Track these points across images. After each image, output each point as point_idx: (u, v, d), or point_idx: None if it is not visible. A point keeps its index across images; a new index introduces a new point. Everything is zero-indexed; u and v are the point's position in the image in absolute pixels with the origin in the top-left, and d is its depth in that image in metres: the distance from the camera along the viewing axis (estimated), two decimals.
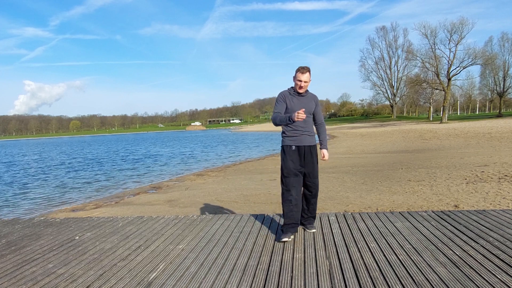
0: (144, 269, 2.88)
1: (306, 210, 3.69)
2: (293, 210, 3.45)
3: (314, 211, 3.72)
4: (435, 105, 67.03)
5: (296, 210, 3.47)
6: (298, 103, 3.51)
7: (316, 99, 3.65)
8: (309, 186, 3.61)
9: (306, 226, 3.70)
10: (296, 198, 3.46)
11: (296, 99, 3.53)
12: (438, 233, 3.38)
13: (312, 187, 3.60)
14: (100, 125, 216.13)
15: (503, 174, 8.22)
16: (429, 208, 5.74)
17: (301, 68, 3.45)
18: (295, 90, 3.54)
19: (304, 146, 3.52)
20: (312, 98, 3.61)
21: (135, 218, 4.67)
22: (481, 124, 31.71)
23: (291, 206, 3.45)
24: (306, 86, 3.50)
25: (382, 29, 75.05)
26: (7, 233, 4.26)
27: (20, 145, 74.99)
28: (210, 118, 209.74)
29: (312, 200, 3.66)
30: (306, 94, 3.58)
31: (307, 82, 3.48)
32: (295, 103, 3.51)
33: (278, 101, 3.59)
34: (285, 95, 3.57)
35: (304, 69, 3.44)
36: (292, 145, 3.53)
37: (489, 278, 2.39)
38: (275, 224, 4.01)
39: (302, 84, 3.45)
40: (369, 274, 2.56)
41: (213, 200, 7.88)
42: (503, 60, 56.36)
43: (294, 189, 3.47)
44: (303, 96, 3.55)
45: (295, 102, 3.51)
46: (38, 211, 8.93)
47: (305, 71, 3.44)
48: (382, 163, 12.37)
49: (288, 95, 3.56)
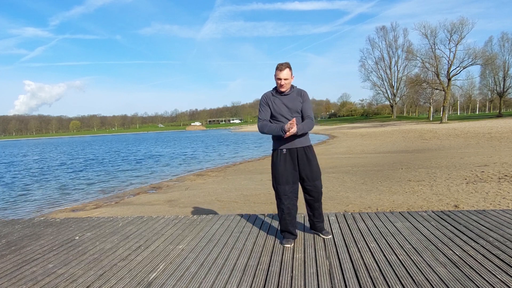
0: (144, 269, 2.88)
1: (312, 216, 3.44)
2: (285, 219, 3.31)
3: (321, 215, 3.45)
4: (435, 105, 67.00)
5: (289, 219, 3.30)
6: (281, 103, 3.28)
7: (303, 94, 3.32)
8: (310, 190, 3.34)
9: (320, 232, 3.44)
10: (288, 207, 3.29)
11: (278, 100, 3.29)
12: (438, 233, 3.38)
13: (313, 191, 3.34)
14: (100, 125, 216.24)
15: (503, 174, 8.22)
16: (429, 208, 5.73)
17: (279, 65, 3.21)
18: (277, 90, 3.32)
19: (297, 148, 3.28)
20: (298, 95, 3.31)
21: (135, 218, 4.67)
22: (481, 124, 31.71)
23: (284, 215, 3.31)
24: (288, 83, 3.25)
25: (382, 29, 75.18)
26: (7, 233, 4.26)
27: (20, 145, 74.97)
28: (210, 118, 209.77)
29: (316, 204, 3.38)
30: (290, 92, 3.31)
31: (288, 79, 3.22)
32: (278, 104, 3.27)
33: (261, 105, 3.36)
34: (267, 98, 3.34)
35: (283, 66, 3.19)
36: (283, 148, 3.29)
37: (489, 278, 2.39)
38: (275, 224, 4.00)
39: (282, 82, 3.21)
40: (369, 274, 2.56)
41: (213, 200, 7.88)
42: (503, 60, 56.46)
43: (285, 198, 3.29)
44: (287, 95, 3.29)
45: (278, 103, 3.28)
46: (38, 211, 8.93)
47: (284, 68, 3.18)
48: (382, 163, 12.37)
49: (270, 97, 3.33)
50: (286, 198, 3.30)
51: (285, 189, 3.29)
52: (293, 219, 3.33)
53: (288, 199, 3.30)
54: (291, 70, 3.26)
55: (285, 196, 3.29)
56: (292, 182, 3.30)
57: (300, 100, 3.30)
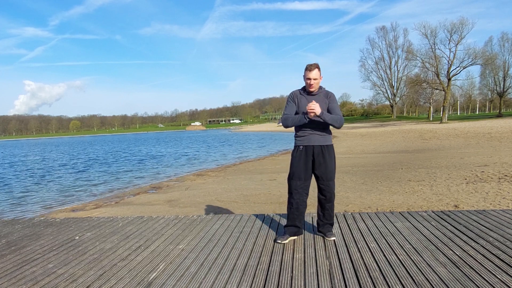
0: (144, 269, 2.88)
1: (322, 217, 3.46)
2: (293, 213, 3.40)
3: (331, 218, 3.45)
4: (435, 105, 67.01)
5: (297, 213, 3.39)
6: (307, 102, 3.33)
7: (330, 96, 3.41)
8: (323, 190, 3.40)
9: (325, 234, 3.43)
10: (297, 202, 3.37)
11: (304, 99, 3.38)
12: (438, 233, 3.38)
13: (326, 191, 3.38)
14: (100, 125, 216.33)
15: (503, 174, 8.22)
16: (429, 208, 5.73)
17: (308, 65, 3.31)
18: (306, 90, 3.41)
19: (314, 146, 3.34)
20: (325, 96, 3.40)
21: (135, 218, 4.67)
22: (481, 124, 31.71)
23: (292, 209, 3.40)
24: (317, 83, 3.34)
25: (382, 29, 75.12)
26: (7, 233, 4.26)
27: (21, 145, 74.93)
28: (210, 118, 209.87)
29: (327, 205, 3.41)
30: (318, 92, 3.40)
31: (317, 79, 3.31)
32: (304, 103, 3.36)
33: (288, 102, 3.47)
34: (294, 95, 3.45)
35: (312, 66, 3.29)
36: (300, 145, 3.39)
37: (489, 278, 2.39)
38: (275, 224, 4.00)
39: (311, 82, 3.30)
40: (369, 274, 2.56)
41: (213, 200, 7.88)
42: (503, 60, 56.42)
43: (296, 192, 3.38)
44: (314, 95, 3.38)
45: (304, 102, 3.36)
46: (38, 211, 8.93)
47: (313, 68, 3.29)
48: (382, 163, 12.37)
49: (298, 95, 3.43)
50: (296, 193, 3.38)
51: (296, 184, 3.38)
52: (300, 215, 3.41)
53: (297, 194, 3.38)
54: (320, 70, 3.35)
55: (295, 191, 3.39)
56: (304, 178, 3.38)
57: (327, 101, 3.38)
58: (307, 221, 3.98)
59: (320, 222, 3.48)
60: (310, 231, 3.63)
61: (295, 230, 3.42)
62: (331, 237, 3.38)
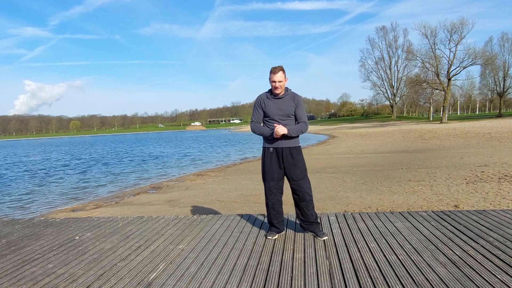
0: (144, 269, 2.88)
1: (300, 215, 3.53)
2: (270, 213, 3.56)
3: (310, 216, 3.47)
4: (435, 105, 67.03)
5: (273, 213, 3.54)
6: (274, 106, 3.42)
7: (297, 99, 3.46)
8: (295, 190, 3.48)
9: (316, 234, 3.45)
10: (272, 202, 3.53)
11: (271, 102, 3.43)
12: (438, 233, 3.38)
13: (298, 190, 3.44)
14: (100, 125, 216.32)
15: (503, 174, 8.22)
16: (429, 208, 5.73)
17: (273, 68, 3.36)
18: (272, 92, 3.45)
19: (283, 148, 3.42)
20: (292, 99, 3.44)
21: (135, 218, 4.67)
22: (481, 124, 31.72)
23: (268, 209, 3.57)
24: (282, 86, 3.38)
25: (382, 29, 75.18)
26: (7, 233, 4.26)
27: (21, 145, 74.88)
28: (210, 118, 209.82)
29: (301, 204, 3.46)
30: (285, 95, 3.44)
31: (282, 81, 3.35)
32: (270, 106, 3.42)
33: (255, 107, 3.53)
34: (261, 100, 3.50)
35: (276, 69, 3.33)
36: (270, 147, 3.47)
37: (489, 278, 2.39)
38: None
39: (276, 85, 3.34)
40: (369, 274, 2.56)
41: (213, 200, 7.88)
42: (503, 60, 56.47)
43: (270, 193, 3.52)
44: (281, 98, 3.42)
45: (271, 106, 3.42)
46: (38, 211, 8.93)
47: (277, 71, 3.32)
48: (382, 163, 12.37)
49: (265, 99, 3.48)
50: (271, 193, 3.53)
51: (270, 185, 3.52)
52: (277, 213, 3.56)
53: (272, 194, 3.53)
54: (285, 72, 3.42)
55: (269, 192, 3.54)
56: (277, 179, 3.51)
57: (293, 104, 3.45)
58: None
59: (300, 220, 3.58)
60: (301, 229, 3.64)
61: (276, 229, 3.58)
62: (323, 237, 3.40)
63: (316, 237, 3.44)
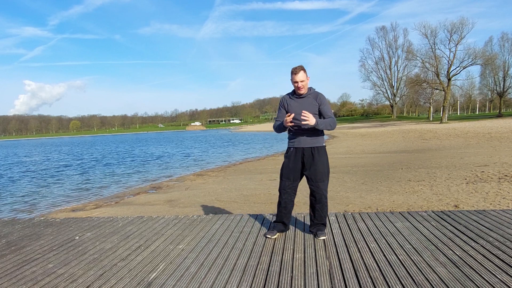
0: (144, 269, 2.88)
1: (313, 217, 3.51)
2: (281, 212, 3.56)
3: (322, 218, 3.47)
4: (435, 105, 67.02)
5: (285, 212, 3.54)
6: (296, 105, 3.43)
7: (320, 97, 3.44)
8: (313, 191, 3.46)
9: (316, 233, 3.46)
10: (285, 202, 3.52)
11: (294, 102, 3.46)
12: (438, 233, 3.38)
13: (316, 192, 3.42)
14: (100, 125, 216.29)
15: (503, 174, 8.22)
16: (429, 208, 5.73)
17: (293, 69, 3.37)
18: (295, 93, 3.48)
19: (303, 148, 3.43)
20: (314, 98, 3.44)
21: (135, 218, 4.67)
22: (481, 124, 31.71)
23: (280, 208, 3.57)
24: (305, 85, 3.39)
25: (382, 29, 75.25)
26: (7, 233, 4.26)
27: (21, 145, 74.81)
28: (210, 118, 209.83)
29: (317, 205, 3.45)
30: (307, 94, 3.45)
31: (304, 81, 3.36)
32: (293, 106, 3.44)
33: (279, 107, 3.60)
34: (284, 100, 3.54)
35: (297, 69, 3.35)
36: (291, 147, 3.50)
37: (489, 278, 2.39)
38: None
39: (299, 85, 3.36)
40: (369, 274, 2.56)
41: (213, 200, 7.88)
42: (503, 60, 56.51)
43: (284, 192, 3.52)
44: (303, 97, 3.44)
45: (293, 105, 3.45)
46: (38, 211, 8.93)
47: (298, 71, 3.34)
48: (382, 163, 12.36)
49: (287, 99, 3.52)
50: (284, 193, 3.53)
51: (285, 184, 3.51)
52: (288, 213, 3.57)
53: (286, 193, 3.52)
54: (306, 71, 3.40)
55: (283, 191, 3.53)
56: (293, 179, 3.50)
57: (316, 103, 3.44)
58: (306, 222, 3.98)
59: (312, 222, 3.57)
60: (310, 232, 3.63)
61: (282, 227, 3.59)
62: (321, 237, 3.41)
63: (316, 237, 3.44)
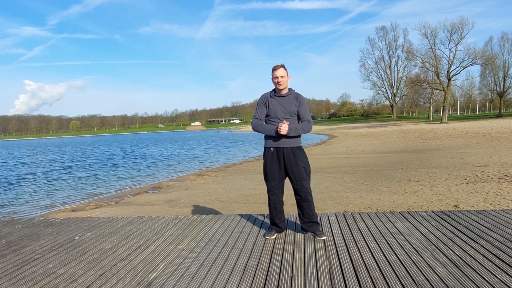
0: (144, 269, 2.88)
1: (301, 215, 3.53)
2: (272, 213, 3.58)
3: (312, 216, 3.47)
4: (435, 105, 67.02)
5: (276, 212, 3.56)
6: (278, 104, 3.44)
7: (300, 98, 3.50)
8: (297, 190, 3.48)
9: (315, 233, 3.46)
10: (274, 202, 3.54)
11: (275, 101, 3.46)
12: (438, 233, 3.38)
13: (300, 190, 3.44)
14: (100, 125, 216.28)
15: (503, 174, 8.22)
16: (429, 208, 5.73)
17: (274, 66, 3.42)
18: (276, 91, 3.49)
19: (284, 148, 3.42)
20: (295, 98, 3.48)
21: (135, 218, 4.67)
22: (481, 124, 31.71)
23: (270, 209, 3.59)
24: (285, 82, 3.42)
25: (382, 29, 75.23)
26: (7, 233, 4.26)
27: (21, 145, 74.76)
28: (210, 118, 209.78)
29: (303, 204, 3.46)
30: (288, 94, 3.48)
31: (284, 77, 3.39)
32: (275, 105, 3.45)
33: (259, 104, 3.55)
34: (265, 98, 3.52)
35: (277, 66, 3.41)
36: (272, 147, 3.47)
37: (489, 278, 2.39)
38: None
39: (279, 80, 3.38)
40: (369, 274, 2.56)
41: (213, 200, 7.88)
42: (503, 60, 56.50)
43: (271, 193, 3.54)
44: (284, 96, 3.46)
45: (275, 104, 3.45)
46: (38, 211, 8.93)
47: (278, 68, 3.39)
48: (382, 163, 12.36)
49: (268, 97, 3.51)
50: (272, 193, 3.55)
51: (271, 185, 3.53)
52: (279, 213, 3.58)
53: (274, 194, 3.55)
54: (286, 70, 3.48)
55: (271, 192, 3.56)
56: (278, 179, 3.51)
57: (296, 103, 3.48)
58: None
59: (301, 221, 3.57)
60: (301, 230, 3.64)
61: (277, 228, 3.60)
62: (322, 237, 3.41)
63: (315, 237, 3.44)
